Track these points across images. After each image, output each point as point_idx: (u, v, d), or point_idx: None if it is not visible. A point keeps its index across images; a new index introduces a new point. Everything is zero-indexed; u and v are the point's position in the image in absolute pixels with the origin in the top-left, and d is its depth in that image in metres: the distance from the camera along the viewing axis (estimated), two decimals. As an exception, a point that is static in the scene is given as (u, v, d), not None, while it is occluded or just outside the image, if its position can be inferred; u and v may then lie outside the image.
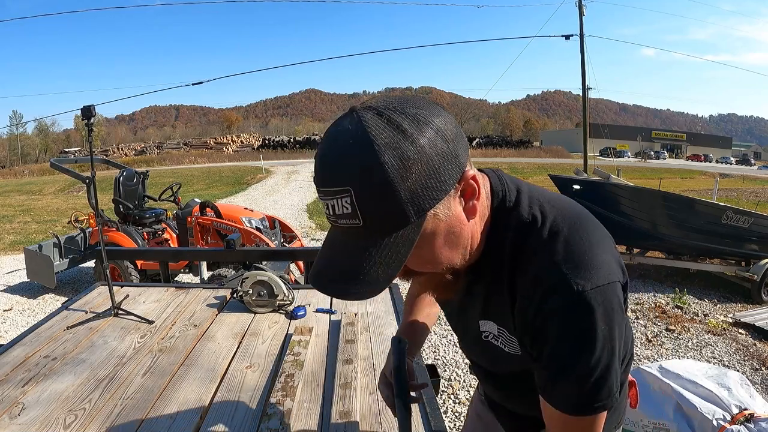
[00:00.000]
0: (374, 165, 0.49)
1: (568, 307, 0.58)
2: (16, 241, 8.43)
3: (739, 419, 1.90)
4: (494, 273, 0.66)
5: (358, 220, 0.51)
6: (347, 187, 0.50)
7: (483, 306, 0.72)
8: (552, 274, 0.59)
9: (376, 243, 0.53)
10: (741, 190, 16.76)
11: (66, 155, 40.58)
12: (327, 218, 0.56)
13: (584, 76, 15.21)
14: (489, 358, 0.82)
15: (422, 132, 0.51)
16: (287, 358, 1.55)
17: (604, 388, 0.61)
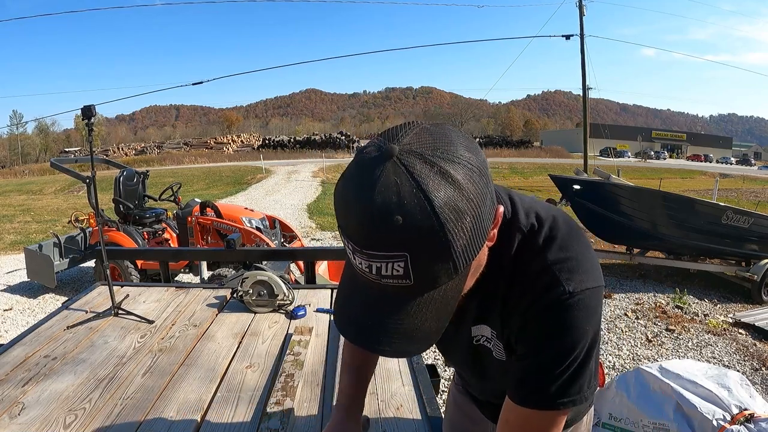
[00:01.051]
0: (437, 230, 0.46)
1: (559, 307, 0.60)
2: (17, 241, 8.43)
3: (739, 419, 1.90)
4: (492, 280, 0.66)
5: (409, 281, 0.49)
6: (404, 253, 0.46)
7: (477, 313, 0.72)
8: (546, 276, 0.61)
9: (427, 300, 0.51)
10: (741, 191, 16.76)
11: (66, 155, 40.61)
12: (359, 270, 0.51)
13: (584, 76, 15.22)
14: (477, 365, 0.81)
15: (470, 177, 0.48)
16: (287, 358, 1.55)
17: (575, 384, 0.62)
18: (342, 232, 0.51)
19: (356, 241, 0.48)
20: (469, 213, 0.48)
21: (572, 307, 0.60)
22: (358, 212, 0.47)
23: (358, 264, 0.51)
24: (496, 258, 0.65)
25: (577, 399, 0.63)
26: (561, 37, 14.92)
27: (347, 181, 0.50)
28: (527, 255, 0.64)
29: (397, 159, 0.47)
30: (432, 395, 1.36)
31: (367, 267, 0.49)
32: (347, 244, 0.51)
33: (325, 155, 34.08)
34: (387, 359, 1.59)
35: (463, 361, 0.86)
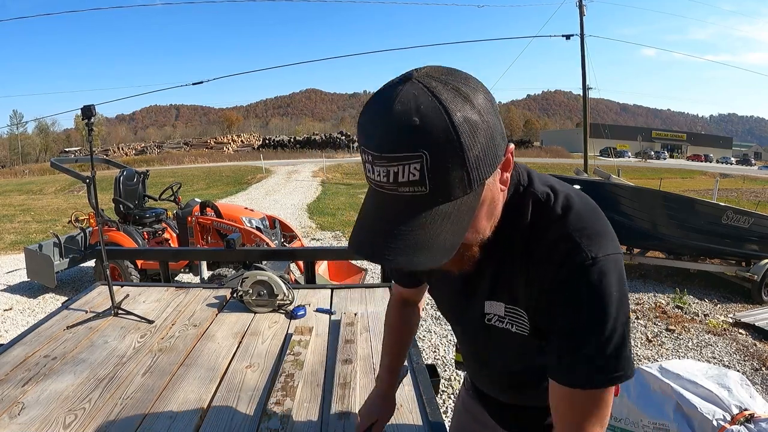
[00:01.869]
0: (451, 130, 0.48)
1: (584, 273, 0.59)
2: (17, 241, 8.43)
3: (739, 419, 1.90)
4: (507, 248, 0.67)
5: (424, 188, 0.50)
6: (420, 153, 0.48)
7: (491, 285, 0.71)
8: (568, 243, 0.61)
9: (442, 211, 0.52)
10: (741, 190, 16.76)
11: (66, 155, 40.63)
12: (376, 184, 0.52)
13: (584, 76, 15.21)
14: (489, 344, 0.80)
15: (483, 101, 0.52)
16: (287, 357, 1.55)
17: (623, 355, 0.61)
18: (363, 148, 0.52)
19: (375, 147, 0.50)
20: (482, 128, 0.50)
21: (597, 273, 0.59)
22: (379, 119, 0.50)
23: (376, 177, 0.51)
24: (510, 224, 0.65)
25: (623, 373, 0.61)
26: (561, 37, 14.92)
27: (369, 104, 0.53)
28: (545, 222, 0.64)
29: (416, 80, 0.51)
30: (432, 395, 1.36)
31: (385, 174, 0.50)
32: (366, 160, 0.52)
33: (325, 155, 34.09)
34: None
35: (473, 339, 0.86)
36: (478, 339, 0.83)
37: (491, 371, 0.91)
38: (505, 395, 0.93)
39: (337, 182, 18.31)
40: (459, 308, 0.82)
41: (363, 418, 1.06)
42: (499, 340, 0.75)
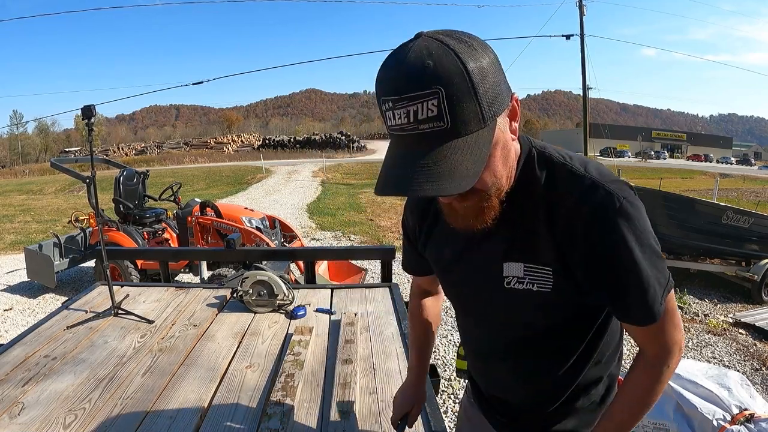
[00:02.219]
0: (461, 69, 0.54)
1: (623, 212, 0.65)
2: (17, 241, 8.42)
3: (739, 419, 1.90)
4: (526, 207, 0.70)
5: (443, 122, 0.54)
6: (436, 89, 0.53)
7: (508, 247, 0.73)
8: (600, 191, 0.66)
9: (461, 143, 0.56)
10: (741, 190, 16.75)
11: (66, 155, 40.62)
12: (397, 129, 0.57)
13: (584, 76, 15.23)
14: (508, 309, 0.78)
15: (484, 48, 0.58)
16: (287, 358, 1.55)
17: (665, 270, 0.70)
18: (382, 99, 0.57)
19: (394, 91, 0.55)
20: (490, 72, 0.57)
21: (632, 206, 0.66)
22: (395, 68, 0.56)
23: (396, 120, 0.56)
24: (528, 184, 0.70)
25: (669, 275, 0.70)
26: (561, 37, 14.94)
27: (384, 61, 0.58)
28: (568, 179, 0.68)
29: (426, 36, 0.57)
30: (432, 395, 1.36)
31: (405, 115, 0.55)
32: (386, 109, 0.57)
33: (325, 155, 34.09)
34: (389, 357, 1.59)
35: (490, 314, 0.82)
36: (495, 307, 0.80)
37: (506, 351, 0.86)
38: (515, 386, 0.89)
39: (337, 182, 18.30)
40: (476, 278, 0.80)
41: (396, 408, 1.08)
42: (520, 302, 0.75)
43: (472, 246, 0.78)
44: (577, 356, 0.81)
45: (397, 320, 1.91)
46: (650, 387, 0.74)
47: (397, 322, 1.89)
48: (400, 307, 2.03)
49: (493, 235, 0.74)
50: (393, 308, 2.05)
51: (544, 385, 0.85)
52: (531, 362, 0.84)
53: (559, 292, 0.71)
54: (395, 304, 2.08)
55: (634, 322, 0.71)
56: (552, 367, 0.83)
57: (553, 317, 0.76)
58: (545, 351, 0.82)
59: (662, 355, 0.73)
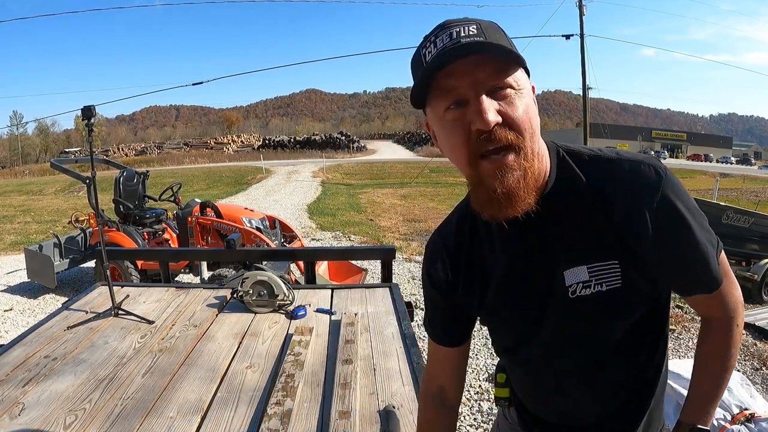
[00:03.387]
0: (494, 23, 0.65)
1: (671, 183, 0.67)
2: (17, 241, 8.43)
3: (739, 419, 1.90)
4: (571, 207, 0.69)
5: (482, 37, 0.61)
6: (476, 22, 0.63)
7: (567, 251, 0.69)
8: (641, 167, 0.67)
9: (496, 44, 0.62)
10: (741, 190, 16.76)
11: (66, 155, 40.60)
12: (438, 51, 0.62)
13: (584, 76, 15.22)
14: (578, 322, 0.71)
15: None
16: (287, 358, 1.55)
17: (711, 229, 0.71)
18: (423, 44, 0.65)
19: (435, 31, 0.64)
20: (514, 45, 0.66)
21: (674, 176, 0.68)
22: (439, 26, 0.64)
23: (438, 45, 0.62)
24: (564, 183, 0.69)
25: (719, 241, 0.71)
26: (561, 37, 14.93)
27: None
28: (607, 167, 0.69)
29: None
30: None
31: (448, 36, 0.62)
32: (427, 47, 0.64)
33: (325, 155, 34.10)
34: (389, 357, 1.59)
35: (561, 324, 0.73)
36: (565, 330, 0.73)
37: (583, 376, 0.77)
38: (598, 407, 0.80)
39: (337, 182, 18.31)
40: (534, 298, 0.73)
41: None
42: (588, 312, 0.69)
43: (518, 265, 0.72)
44: (653, 357, 0.77)
45: (397, 320, 1.91)
46: (728, 350, 0.74)
47: (397, 322, 1.89)
48: (400, 307, 2.03)
49: (540, 245, 0.70)
50: (393, 308, 2.05)
51: (619, 399, 0.78)
52: (606, 376, 0.76)
53: (630, 285, 0.68)
54: (395, 304, 2.08)
55: (702, 290, 0.71)
56: (625, 376, 0.77)
57: (627, 318, 0.71)
58: (624, 359, 0.75)
59: (730, 317, 0.73)
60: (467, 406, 2.84)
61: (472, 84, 0.61)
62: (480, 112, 0.60)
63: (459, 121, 0.63)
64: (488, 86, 0.62)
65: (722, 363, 0.74)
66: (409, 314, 2.05)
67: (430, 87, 0.64)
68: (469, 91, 0.61)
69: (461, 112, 0.62)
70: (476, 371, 3.25)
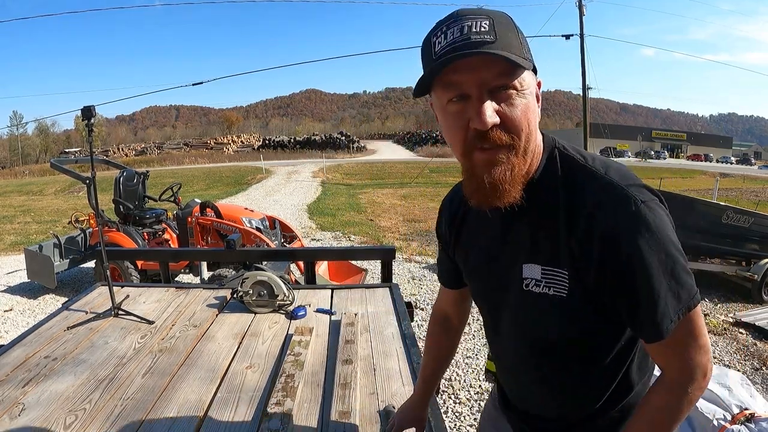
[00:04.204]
0: (507, 16, 0.65)
1: (642, 215, 0.63)
2: (17, 242, 8.42)
3: (739, 419, 1.90)
4: (544, 206, 0.70)
5: (492, 36, 0.62)
6: (489, 17, 0.63)
7: (529, 247, 0.72)
8: (615, 192, 0.65)
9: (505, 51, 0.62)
10: (741, 190, 16.76)
11: (66, 156, 40.60)
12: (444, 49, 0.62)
13: (584, 76, 15.22)
14: (528, 313, 0.76)
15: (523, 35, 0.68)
16: (287, 358, 1.55)
17: (690, 275, 0.66)
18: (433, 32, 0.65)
19: (451, 17, 0.64)
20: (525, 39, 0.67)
21: (652, 212, 0.64)
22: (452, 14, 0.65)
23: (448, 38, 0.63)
24: (549, 180, 0.70)
25: (696, 290, 0.66)
26: (561, 37, 14.92)
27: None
28: (589, 179, 0.68)
29: None
30: (432, 395, 1.36)
31: (459, 30, 0.62)
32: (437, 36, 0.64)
33: (325, 155, 34.09)
34: (389, 357, 1.59)
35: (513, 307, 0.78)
36: (518, 316, 0.78)
37: (533, 365, 0.82)
38: (544, 398, 0.85)
39: (337, 182, 18.31)
40: (500, 281, 0.79)
41: (401, 422, 1.08)
42: (536, 309, 0.73)
43: (496, 247, 0.78)
44: (606, 369, 0.76)
45: (397, 320, 1.91)
46: (664, 412, 0.69)
47: (397, 322, 1.89)
48: (401, 308, 2.03)
49: (513, 235, 0.74)
50: (393, 308, 2.05)
51: (573, 397, 0.81)
52: (558, 373, 0.79)
53: (575, 299, 0.69)
54: (395, 305, 2.08)
55: (644, 337, 0.68)
56: (572, 378, 0.79)
57: (573, 326, 0.72)
58: (572, 361, 0.77)
59: (680, 379, 0.68)
60: (467, 406, 2.84)
61: (477, 82, 0.63)
62: (479, 113, 0.63)
63: (460, 114, 0.65)
64: (491, 86, 0.63)
65: (658, 422, 0.70)
66: (409, 314, 2.05)
67: (435, 79, 0.65)
68: (473, 88, 0.63)
69: (463, 105, 0.65)
70: (477, 371, 3.25)
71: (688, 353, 0.67)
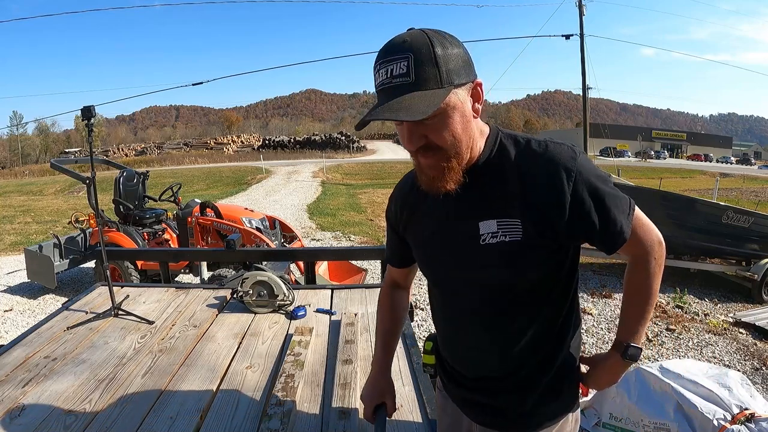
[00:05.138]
0: (429, 45, 0.74)
1: (585, 162, 0.82)
2: (17, 242, 8.42)
3: (739, 419, 1.90)
4: (497, 175, 0.84)
5: (409, 77, 0.73)
6: (408, 54, 0.73)
7: (482, 208, 0.86)
8: (561, 148, 0.83)
9: (421, 94, 0.73)
10: (741, 190, 16.75)
11: (66, 156, 40.64)
12: (380, 84, 0.76)
13: (584, 76, 15.21)
14: (484, 265, 0.87)
15: (456, 44, 0.78)
16: (287, 358, 1.55)
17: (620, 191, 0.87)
18: (375, 66, 0.77)
19: (381, 55, 0.76)
20: (453, 56, 0.76)
21: (585, 155, 0.84)
22: (386, 44, 0.76)
23: (380, 78, 0.75)
24: (497, 157, 0.85)
25: (630, 200, 0.87)
26: (561, 37, 14.90)
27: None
28: (536, 147, 0.84)
29: (414, 28, 0.78)
30: (432, 395, 1.36)
31: (385, 73, 0.75)
32: (375, 69, 0.76)
33: (325, 155, 34.11)
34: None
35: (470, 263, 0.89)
36: (473, 270, 0.88)
37: (482, 316, 0.92)
38: (490, 352, 0.92)
39: (337, 182, 18.31)
40: (454, 242, 0.90)
41: (367, 402, 1.09)
42: (493, 258, 0.85)
43: (449, 216, 0.90)
44: (548, 319, 0.90)
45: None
46: (648, 280, 0.91)
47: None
48: (400, 308, 2.02)
49: (467, 203, 0.86)
50: (393, 308, 2.04)
51: (518, 348, 0.90)
52: (505, 324, 0.90)
53: (528, 239, 0.83)
54: (395, 305, 2.07)
55: (613, 246, 0.86)
56: (525, 328, 0.89)
57: (524, 270, 0.85)
58: (519, 311, 0.89)
59: (647, 252, 0.89)
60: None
61: None
62: (407, 139, 0.79)
63: (401, 134, 0.81)
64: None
65: (645, 292, 0.91)
66: (409, 314, 2.05)
67: None
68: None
69: (402, 128, 0.80)
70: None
71: (644, 236, 0.89)
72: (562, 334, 0.93)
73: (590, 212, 0.82)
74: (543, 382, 0.92)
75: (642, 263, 0.91)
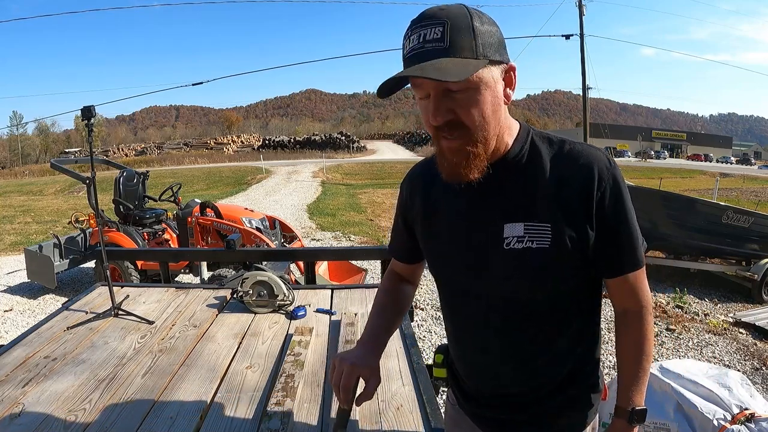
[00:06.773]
0: (467, 16, 0.71)
1: (617, 175, 0.78)
2: (17, 242, 8.42)
3: (739, 419, 1.90)
4: (529, 171, 0.80)
5: (443, 43, 0.69)
6: (444, 21, 0.70)
7: (508, 209, 0.80)
8: (599, 156, 0.79)
9: (454, 60, 0.69)
10: (741, 190, 16.76)
11: (66, 156, 40.63)
12: (408, 53, 0.71)
13: (584, 76, 15.22)
14: (506, 273, 0.80)
15: (494, 23, 0.75)
16: (287, 358, 1.55)
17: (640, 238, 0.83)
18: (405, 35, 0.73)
19: (415, 21, 0.72)
20: (490, 32, 0.72)
21: (618, 169, 0.79)
22: (422, 12, 0.72)
23: (411, 44, 0.71)
24: (529, 155, 0.80)
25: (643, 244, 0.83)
26: (561, 37, 14.91)
27: None
28: (572, 150, 0.80)
29: None
30: (432, 395, 1.36)
31: (417, 37, 0.70)
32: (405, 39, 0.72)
33: (325, 155, 34.12)
34: (389, 357, 1.59)
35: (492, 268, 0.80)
36: (494, 278, 0.81)
37: (500, 329, 0.84)
38: (508, 367, 0.86)
39: (337, 182, 18.31)
40: (474, 242, 0.83)
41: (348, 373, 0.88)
42: (516, 266, 0.79)
43: (469, 212, 0.83)
44: (572, 333, 0.85)
45: (398, 320, 1.91)
46: (645, 337, 0.84)
47: (398, 323, 1.89)
48: (400, 308, 2.02)
49: (491, 200, 0.81)
50: (393, 308, 2.04)
51: (539, 364, 0.85)
52: (526, 337, 0.84)
53: (558, 247, 0.77)
54: (395, 305, 2.07)
55: (626, 267, 0.81)
56: (547, 343, 0.84)
57: (549, 280, 0.80)
58: (540, 324, 0.83)
59: (644, 307, 0.85)
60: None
61: (432, 86, 0.72)
62: (432, 112, 0.73)
63: (426, 109, 0.75)
64: (444, 88, 0.72)
65: (643, 350, 0.85)
66: (409, 314, 2.05)
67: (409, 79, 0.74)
68: (431, 90, 0.73)
69: (427, 102, 0.74)
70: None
71: (644, 290, 0.84)
72: (586, 347, 0.88)
73: (612, 223, 0.78)
74: (564, 396, 0.87)
75: (638, 318, 0.85)
